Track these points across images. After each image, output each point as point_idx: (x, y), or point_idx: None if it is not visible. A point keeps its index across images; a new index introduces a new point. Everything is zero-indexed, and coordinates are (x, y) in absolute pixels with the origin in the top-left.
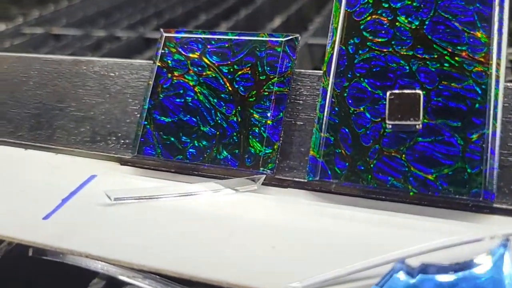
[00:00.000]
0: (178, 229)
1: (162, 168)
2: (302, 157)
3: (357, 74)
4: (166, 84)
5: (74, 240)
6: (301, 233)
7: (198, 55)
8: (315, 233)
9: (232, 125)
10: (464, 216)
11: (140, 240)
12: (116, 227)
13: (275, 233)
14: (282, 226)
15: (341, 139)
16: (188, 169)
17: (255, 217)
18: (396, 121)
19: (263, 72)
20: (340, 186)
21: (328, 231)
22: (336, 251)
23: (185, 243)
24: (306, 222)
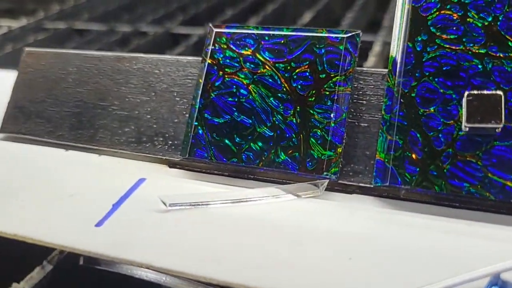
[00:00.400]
0: (239, 239)
1: (215, 172)
2: (368, 161)
3: (425, 73)
4: (217, 82)
5: (131, 249)
6: (376, 243)
7: (252, 52)
8: (391, 243)
9: (290, 127)
10: None
11: (202, 250)
12: (173, 235)
13: (349, 243)
14: (355, 235)
15: (411, 142)
16: (243, 172)
17: (322, 225)
18: (475, 124)
19: (323, 70)
20: (411, 192)
21: (403, 241)
22: (417, 263)
23: (250, 254)
24: (379, 231)
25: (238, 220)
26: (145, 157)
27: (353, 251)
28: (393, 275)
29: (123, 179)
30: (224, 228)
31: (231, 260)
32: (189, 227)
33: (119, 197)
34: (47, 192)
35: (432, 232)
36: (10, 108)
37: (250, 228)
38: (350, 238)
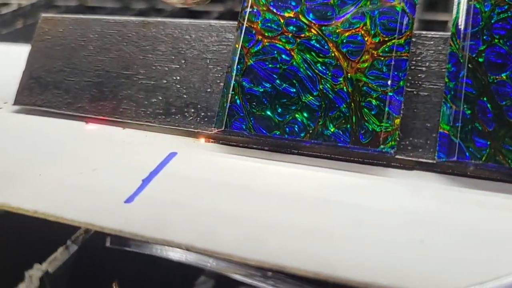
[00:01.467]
0: (291, 217)
1: (254, 146)
2: (429, 133)
3: (495, 36)
4: (256, 47)
5: (168, 228)
6: (448, 225)
7: (294, 14)
8: (464, 224)
9: (340, 95)
10: None
11: (249, 230)
12: (214, 213)
13: (417, 224)
14: (422, 215)
15: (480, 112)
16: (287, 147)
17: (382, 204)
18: None
19: (376, 33)
20: (481, 168)
21: (478, 223)
22: (496, 247)
23: (304, 236)
24: (449, 211)
25: (289, 196)
26: (175, 130)
27: (424, 233)
28: (472, 261)
29: (151, 153)
30: (273, 204)
31: (282, 242)
32: (232, 204)
33: (149, 172)
34: (67, 167)
35: (510, 213)
36: (25, 78)
37: (302, 205)
38: (417, 218)
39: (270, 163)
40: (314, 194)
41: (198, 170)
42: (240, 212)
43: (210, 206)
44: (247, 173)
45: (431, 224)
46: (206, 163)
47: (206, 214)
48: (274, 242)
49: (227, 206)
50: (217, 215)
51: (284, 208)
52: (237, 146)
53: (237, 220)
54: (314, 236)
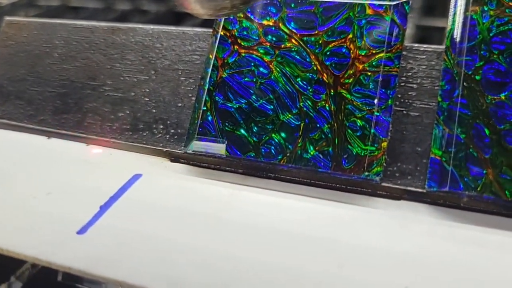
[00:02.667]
0: (260, 255)
1: (226, 168)
2: (419, 159)
3: (494, 52)
4: (231, 58)
5: (121, 265)
6: (437, 267)
7: (274, 22)
8: (459, 267)
9: (322, 114)
10: None
11: (214, 273)
12: (173, 251)
13: (403, 265)
14: (410, 256)
15: (476, 137)
16: (263, 170)
17: (367, 242)
18: None
19: (363, 46)
20: (475, 200)
21: (474, 263)
22: None
23: (280, 278)
24: (442, 251)
25: (261, 230)
26: (142, 149)
27: (410, 277)
28: None
29: (114, 174)
30: (243, 240)
31: (250, 284)
32: (198, 239)
33: (109, 197)
34: (20, 189)
35: (510, 254)
36: None
37: (275, 241)
38: (403, 259)
39: (242, 189)
40: (290, 228)
41: (163, 196)
42: (205, 250)
43: (172, 241)
44: (217, 200)
45: (418, 267)
46: (173, 188)
47: (167, 251)
48: (242, 281)
49: (191, 240)
50: (179, 251)
51: (255, 245)
52: (208, 168)
53: (202, 260)
54: (288, 278)
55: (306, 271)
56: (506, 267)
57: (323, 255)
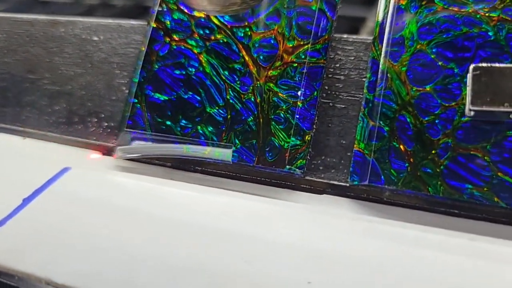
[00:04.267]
0: (173, 250)
1: (155, 162)
2: (343, 152)
3: (421, 42)
4: (162, 51)
5: (29, 258)
6: (347, 262)
7: (206, 14)
8: (367, 262)
9: (248, 107)
10: None
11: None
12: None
13: (311, 261)
14: (320, 251)
15: (399, 129)
16: (190, 163)
17: (281, 237)
18: (483, 107)
19: (291, 37)
20: (396, 194)
21: (385, 259)
22: None
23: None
24: (353, 246)
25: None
26: (76, 142)
27: (315, 272)
28: None
29: (44, 167)
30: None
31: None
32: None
33: (34, 189)
34: None
35: (425, 249)
36: None
37: (190, 235)
38: (314, 254)
39: (167, 183)
40: (206, 223)
41: (88, 189)
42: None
43: (90, 234)
44: (140, 195)
45: (326, 262)
46: (99, 182)
47: (83, 244)
48: (146, 280)
49: (109, 234)
50: (95, 245)
51: (169, 238)
52: (138, 161)
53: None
54: (194, 273)
55: (213, 266)
56: (417, 262)
57: (234, 249)
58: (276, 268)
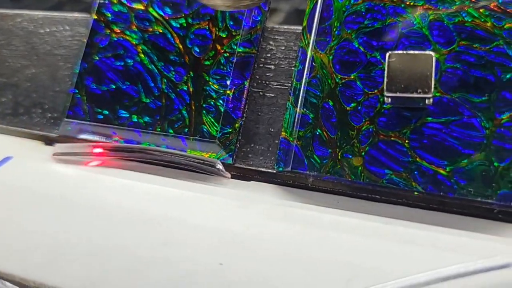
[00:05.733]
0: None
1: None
2: (272, 140)
3: (347, 31)
4: (103, 43)
5: None
6: (260, 245)
7: (145, 6)
8: (282, 245)
9: (181, 96)
10: (489, 227)
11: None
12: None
13: (227, 244)
14: (238, 235)
15: (323, 116)
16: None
17: (201, 221)
18: (397, 93)
19: (224, 28)
20: (320, 180)
21: (299, 243)
22: (308, 272)
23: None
24: (270, 230)
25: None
26: (21, 133)
27: (228, 255)
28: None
29: None
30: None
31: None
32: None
33: None
34: None
35: (341, 233)
36: None
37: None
38: (231, 238)
39: (103, 172)
40: (135, 208)
41: (26, 178)
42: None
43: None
44: (75, 184)
45: (240, 244)
46: (41, 171)
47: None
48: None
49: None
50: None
51: (92, 223)
52: None
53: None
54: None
55: (133, 248)
56: (330, 245)
57: (154, 233)
58: (191, 251)
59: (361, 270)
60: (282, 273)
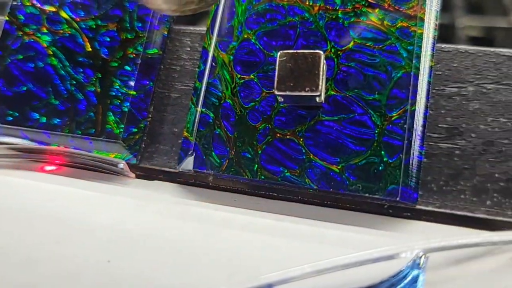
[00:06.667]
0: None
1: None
2: (175, 140)
3: (248, 31)
4: (15, 45)
5: None
6: (151, 243)
7: (56, 8)
8: (172, 243)
9: (89, 97)
10: (379, 222)
11: None
12: None
13: (116, 242)
14: (128, 233)
15: (223, 116)
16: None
17: (96, 220)
18: (286, 92)
19: (131, 29)
20: (221, 179)
21: (188, 240)
22: (193, 268)
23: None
24: (162, 227)
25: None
26: None
27: (117, 252)
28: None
29: None
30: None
31: None
32: None
33: None
34: None
35: (232, 229)
36: None
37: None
38: (122, 237)
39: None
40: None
41: None
42: None
43: None
44: None
45: (130, 242)
46: None
47: None
48: None
49: None
50: None
51: None
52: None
53: None
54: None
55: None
56: (222, 242)
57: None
58: (83, 248)
59: (244, 264)
60: (167, 269)
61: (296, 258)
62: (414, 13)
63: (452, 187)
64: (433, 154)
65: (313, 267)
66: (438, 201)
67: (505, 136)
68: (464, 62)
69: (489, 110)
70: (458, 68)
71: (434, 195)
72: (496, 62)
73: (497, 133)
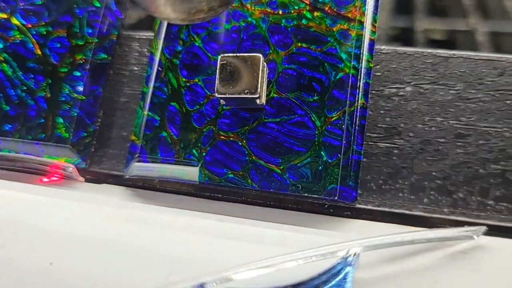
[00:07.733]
0: None
1: None
2: (124, 143)
3: (193, 36)
4: None
5: None
6: (92, 244)
7: (8, 15)
8: (113, 244)
9: (39, 103)
10: (320, 221)
11: None
12: None
13: (57, 243)
14: (71, 235)
15: (169, 119)
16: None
17: (40, 223)
18: (226, 94)
19: (81, 35)
20: (167, 181)
21: (130, 241)
22: (133, 268)
23: None
24: (105, 229)
25: None
26: None
27: (60, 254)
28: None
29: None
30: None
31: None
32: None
33: None
34: None
35: (173, 231)
36: None
37: None
38: (67, 239)
39: None
40: None
41: None
42: None
43: None
44: None
45: (70, 244)
46: None
47: None
48: None
49: None
50: None
51: None
52: None
53: None
54: None
55: None
56: (159, 242)
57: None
58: (27, 250)
59: (181, 264)
60: (108, 270)
61: (234, 257)
62: (353, 16)
63: (391, 185)
64: (372, 154)
65: (247, 267)
66: (378, 199)
67: (441, 135)
68: (402, 63)
69: (426, 110)
70: (397, 69)
71: (374, 194)
72: (433, 63)
73: (434, 132)
